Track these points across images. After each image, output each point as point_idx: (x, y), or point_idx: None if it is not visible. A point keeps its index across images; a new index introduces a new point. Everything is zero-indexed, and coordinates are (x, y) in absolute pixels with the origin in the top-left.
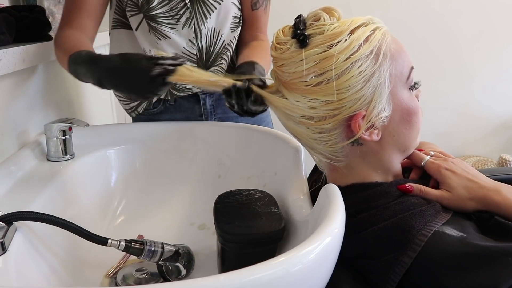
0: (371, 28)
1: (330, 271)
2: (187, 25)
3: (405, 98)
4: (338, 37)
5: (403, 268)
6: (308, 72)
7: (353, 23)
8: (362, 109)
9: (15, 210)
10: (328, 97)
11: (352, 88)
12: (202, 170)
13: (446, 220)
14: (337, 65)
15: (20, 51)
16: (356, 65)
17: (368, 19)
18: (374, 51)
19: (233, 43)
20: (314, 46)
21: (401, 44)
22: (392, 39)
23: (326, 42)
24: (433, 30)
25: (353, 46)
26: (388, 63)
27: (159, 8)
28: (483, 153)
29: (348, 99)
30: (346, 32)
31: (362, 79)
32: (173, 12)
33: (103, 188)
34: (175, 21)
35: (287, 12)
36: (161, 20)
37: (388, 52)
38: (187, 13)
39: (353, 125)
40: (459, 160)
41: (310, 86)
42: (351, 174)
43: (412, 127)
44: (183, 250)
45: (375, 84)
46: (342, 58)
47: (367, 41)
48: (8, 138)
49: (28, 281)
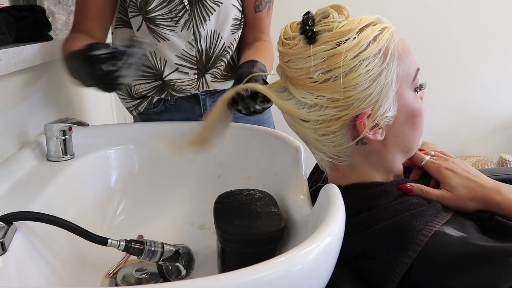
0: (379, 27)
1: (330, 271)
2: (186, 27)
3: (410, 99)
4: (347, 35)
5: (404, 268)
6: (315, 69)
7: (362, 22)
8: (368, 108)
9: (15, 210)
10: (334, 95)
11: (359, 86)
12: (202, 170)
13: (447, 220)
14: (345, 63)
15: (20, 51)
16: (364, 63)
17: (376, 18)
18: (382, 51)
19: (233, 45)
20: (323, 42)
21: (408, 45)
22: (399, 40)
23: (335, 39)
24: (433, 30)
25: (361, 44)
26: (395, 63)
27: (157, 10)
28: (483, 153)
29: (355, 97)
30: (355, 30)
31: (370, 78)
32: (172, 14)
33: (103, 188)
34: (174, 23)
35: (289, 13)
36: (160, 22)
37: (396, 52)
38: (186, 15)
39: (358, 123)
40: (460, 160)
41: (317, 82)
42: (353, 173)
43: (416, 129)
44: (183, 250)
45: (382, 84)
46: (350, 56)
47: (375, 40)
48: (8, 138)
49: (28, 281)
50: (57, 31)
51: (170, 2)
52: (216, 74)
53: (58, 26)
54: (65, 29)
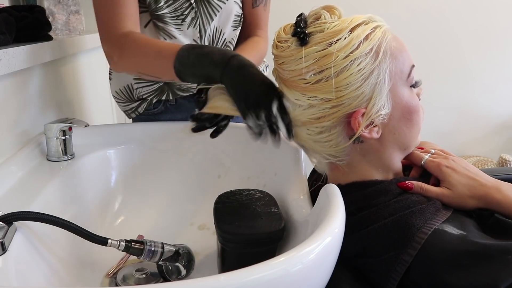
0: (371, 26)
1: (330, 271)
2: (192, 25)
3: (405, 96)
4: (338, 35)
5: (404, 266)
6: (307, 70)
7: (353, 21)
8: (361, 107)
9: (15, 210)
10: (327, 95)
11: (351, 85)
12: (202, 170)
13: (446, 218)
14: (336, 63)
15: (20, 51)
16: (355, 62)
17: (368, 17)
18: (374, 49)
19: (233, 41)
20: (314, 44)
21: (402, 43)
22: (392, 37)
23: (326, 40)
24: (433, 30)
25: (352, 44)
26: (388, 61)
27: (165, 7)
28: (483, 153)
29: (347, 96)
30: (346, 30)
31: (361, 77)
32: (178, 12)
33: (103, 188)
34: (180, 21)
35: (289, 11)
36: (167, 20)
37: (388, 50)
38: (192, 13)
39: (352, 122)
40: (460, 158)
41: (309, 84)
42: (352, 172)
43: (412, 125)
44: (183, 250)
45: (374, 82)
46: (341, 56)
47: (367, 39)
48: (8, 138)
49: (28, 281)
50: (57, 31)
51: (175, 0)
52: None
53: (58, 26)
54: (65, 29)
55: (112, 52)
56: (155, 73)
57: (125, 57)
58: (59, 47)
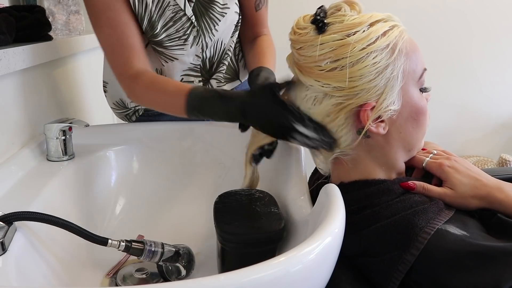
0: (389, 24)
1: (330, 271)
2: (195, 43)
3: (415, 96)
4: (357, 27)
5: (406, 266)
6: (323, 57)
7: (372, 17)
8: (372, 100)
9: (15, 210)
10: (340, 84)
11: (364, 77)
12: (202, 170)
13: (449, 218)
14: (352, 53)
15: (20, 51)
16: (371, 55)
17: (387, 16)
18: (390, 46)
19: (232, 47)
20: (332, 32)
21: (417, 45)
22: (408, 38)
23: (344, 30)
24: (433, 30)
25: (370, 37)
26: (402, 59)
27: (163, 33)
28: (483, 153)
29: (360, 87)
30: (365, 24)
31: (376, 70)
32: (180, 33)
33: (103, 188)
34: (182, 42)
35: (289, 11)
36: (168, 44)
37: (404, 49)
38: (194, 32)
39: (361, 114)
40: (462, 158)
41: (324, 71)
42: (355, 168)
43: (419, 127)
44: (184, 251)
45: (388, 77)
46: (359, 47)
47: (384, 35)
48: (8, 138)
49: (28, 281)
50: (57, 31)
51: (176, 21)
52: (220, 78)
53: (58, 26)
54: (65, 29)
55: (125, 90)
56: (170, 113)
57: (137, 99)
58: (59, 47)
